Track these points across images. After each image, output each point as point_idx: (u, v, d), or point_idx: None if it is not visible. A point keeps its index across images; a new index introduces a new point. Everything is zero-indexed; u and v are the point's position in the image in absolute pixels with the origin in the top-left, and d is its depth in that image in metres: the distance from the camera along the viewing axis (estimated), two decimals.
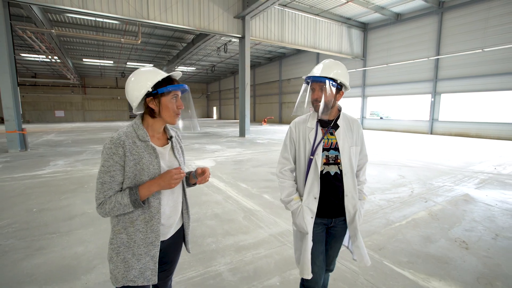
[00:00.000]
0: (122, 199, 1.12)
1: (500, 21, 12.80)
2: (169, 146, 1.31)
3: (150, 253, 1.19)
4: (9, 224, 3.33)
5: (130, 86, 1.19)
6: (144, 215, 1.18)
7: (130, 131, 1.19)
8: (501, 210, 3.89)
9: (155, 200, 1.19)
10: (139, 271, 1.18)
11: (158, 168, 1.19)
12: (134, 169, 1.15)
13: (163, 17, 11.70)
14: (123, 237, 1.18)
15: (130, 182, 1.16)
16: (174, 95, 1.21)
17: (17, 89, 9.24)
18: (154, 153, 1.20)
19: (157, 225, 1.19)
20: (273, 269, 2.42)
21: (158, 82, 1.18)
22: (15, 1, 8.96)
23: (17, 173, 6.07)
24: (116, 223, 1.20)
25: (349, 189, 1.51)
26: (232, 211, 3.78)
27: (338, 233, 1.61)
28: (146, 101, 1.19)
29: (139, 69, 1.22)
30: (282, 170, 1.62)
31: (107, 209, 1.13)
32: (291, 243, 2.89)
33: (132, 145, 1.16)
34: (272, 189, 4.88)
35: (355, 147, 1.55)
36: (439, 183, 5.32)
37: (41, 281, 2.22)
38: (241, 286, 2.17)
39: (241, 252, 2.69)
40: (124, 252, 1.18)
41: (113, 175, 1.13)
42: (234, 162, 7.40)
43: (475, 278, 2.32)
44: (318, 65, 1.51)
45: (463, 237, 3.06)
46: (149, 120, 1.23)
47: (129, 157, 1.14)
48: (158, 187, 1.15)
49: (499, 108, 13.70)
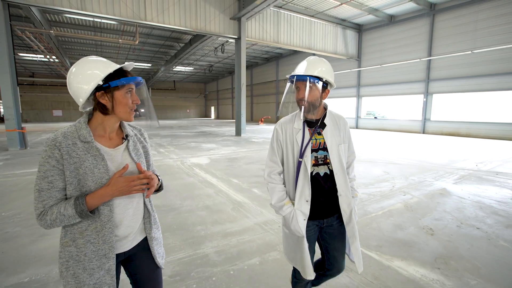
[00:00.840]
0: (65, 210, 0.99)
1: (489, 24, 13.15)
2: (124, 146, 1.16)
3: (104, 267, 1.07)
4: (14, 215, 3.59)
5: (75, 79, 1.04)
6: (95, 224, 1.06)
7: (70, 131, 1.06)
8: (471, 202, 4.20)
9: (105, 208, 1.07)
10: (93, 287, 1.06)
11: (105, 172, 1.06)
12: (76, 174, 1.03)
13: (160, 19, 11.95)
14: (71, 250, 1.06)
15: (74, 188, 1.03)
16: (128, 88, 1.09)
17: (17, 89, 9.47)
18: (99, 154, 1.06)
19: (109, 235, 1.07)
20: (254, 251, 2.70)
21: (109, 74, 1.05)
22: (15, 2, 9.19)
23: (19, 169, 6.32)
24: (64, 235, 1.08)
25: (342, 189, 1.49)
26: (222, 203, 4.07)
27: (337, 232, 1.58)
28: (95, 96, 1.06)
29: (84, 58, 1.08)
30: (270, 174, 1.57)
31: (49, 220, 1.00)
32: (273, 230, 3.17)
33: (71, 147, 1.03)
34: (261, 184, 5.17)
35: (343, 145, 1.53)
36: (420, 178, 5.62)
37: (47, 261, 2.50)
38: (225, 264, 2.45)
39: (227, 238, 2.97)
40: (74, 266, 1.05)
41: (51, 181, 1.01)
42: (228, 159, 7.69)
43: (434, 258, 2.61)
44: (302, 63, 1.48)
45: (431, 225, 3.36)
46: (99, 118, 1.10)
47: (67, 160, 1.01)
48: (111, 195, 1.03)
49: (488, 108, 14.06)
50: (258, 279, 2.26)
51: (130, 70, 1.14)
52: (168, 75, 35.28)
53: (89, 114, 1.12)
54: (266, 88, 30.60)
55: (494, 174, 6.01)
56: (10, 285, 2.15)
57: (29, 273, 2.31)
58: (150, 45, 21.42)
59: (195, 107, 46.36)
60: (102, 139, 1.11)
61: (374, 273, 2.34)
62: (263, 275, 2.32)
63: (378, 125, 19.29)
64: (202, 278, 2.26)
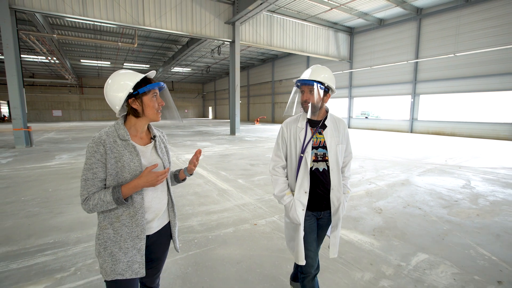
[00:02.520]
0: (105, 196, 1.17)
1: (470, 29, 13.87)
2: (152, 144, 1.36)
3: (136, 246, 1.25)
4: (32, 199, 4.24)
5: (111, 89, 1.23)
6: (129, 210, 1.24)
7: (111, 131, 1.24)
8: (424, 190, 4.87)
9: (137, 196, 1.25)
10: (126, 264, 1.23)
11: (139, 166, 1.24)
12: (115, 167, 1.21)
13: (158, 23, 12.59)
14: (109, 232, 1.23)
15: (113, 179, 1.21)
16: (153, 93, 1.28)
17: (23, 90, 10.09)
18: (134, 151, 1.25)
19: (141, 219, 1.24)
20: (230, 224, 3.37)
21: (137, 83, 1.24)
22: (21, 9, 9.81)
23: (28, 164, 6.96)
24: (102, 219, 1.25)
25: (334, 184, 1.65)
26: (209, 190, 4.74)
27: (325, 224, 1.76)
28: (128, 102, 1.25)
29: (117, 72, 1.27)
30: (275, 167, 1.74)
31: (91, 205, 1.17)
32: (249, 210, 3.84)
33: (112, 144, 1.21)
34: (246, 176, 5.82)
35: (341, 145, 1.69)
36: (389, 171, 6.30)
37: (65, 230, 3.15)
38: (205, 232, 3.12)
39: (210, 215, 3.64)
40: (111, 246, 1.23)
41: (95, 172, 1.18)
42: (220, 156, 8.35)
43: (373, 229, 3.28)
44: (307, 70, 1.66)
45: (382, 206, 4.03)
46: (133, 120, 1.29)
47: (110, 155, 1.19)
48: (142, 186, 1.21)
49: (471, 109, 14.77)
50: (231, 241, 2.93)
51: (153, 77, 1.33)
52: (167, 75, 35.90)
53: (124, 117, 1.31)
54: (262, 88, 31.26)
55: (458, 168, 6.69)
56: (40, 244, 2.81)
57: (52, 237, 2.97)
58: (148, 47, 22.03)
59: (193, 107, 47.00)
60: (135, 138, 1.31)
61: None
62: (235, 239, 2.98)
63: (369, 124, 19.99)
64: (186, 240, 2.92)
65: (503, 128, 13.33)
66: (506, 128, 13.21)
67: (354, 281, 2.25)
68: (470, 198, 4.42)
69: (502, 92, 13.33)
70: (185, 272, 2.36)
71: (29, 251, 2.67)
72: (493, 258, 2.61)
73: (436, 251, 2.76)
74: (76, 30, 17.57)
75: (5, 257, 2.56)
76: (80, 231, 3.12)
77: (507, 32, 12.71)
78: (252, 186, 5.03)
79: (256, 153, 8.89)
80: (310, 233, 1.69)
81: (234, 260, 2.55)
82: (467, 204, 4.13)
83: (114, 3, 11.42)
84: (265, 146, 10.50)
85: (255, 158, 7.91)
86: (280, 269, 2.42)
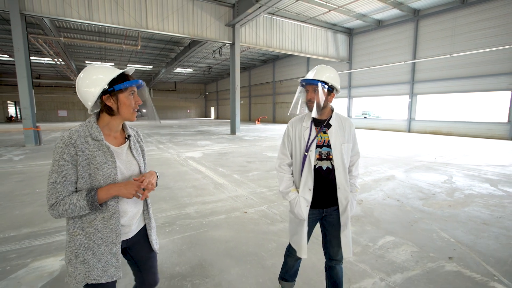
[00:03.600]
0: (78, 201, 1.10)
1: (466, 30, 14.15)
2: (127, 145, 1.31)
3: (111, 251, 1.20)
4: (45, 191, 4.67)
5: (83, 84, 1.16)
6: (102, 214, 1.18)
7: (82, 130, 1.17)
8: (407, 184, 5.23)
9: (112, 200, 1.20)
10: (101, 269, 1.19)
11: (113, 168, 1.19)
12: (87, 169, 1.15)
13: (160, 26, 13.03)
14: (81, 239, 1.17)
15: (85, 182, 1.15)
16: (131, 91, 1.22)
17: (32, 91, 10.57)
18: (108, 152, 1.19)
19: (116, 224, 1.20)
20: (223, 211, 3.76)
21: (113, 79, 1.17)
22: (31, 15, 10.29)
23: (39, 161, 7.42)
24: (73, 225, 1.18)
25: (341, 183, 1.67)
26: (206, 184, 5.14)
27: (335, 221, 1.74)
28: (102, 99, 1.18)
29: (91, 65, 1.20)
30: (281, 164, 1.79)
31: (61, 210, 1.10)
32: (241, 201, 4.23)
33: (84, 144, 1.14)
34: (242, 172, 6.22)
35: (346, 144, 1.70)
36: (378, 168, 6.65)
37: None
38: (200, 218, 3.52)
39: (205, 204, 4.04)
40: (84, 253, 1.17)
41: (65, 175, 1.11)
42: (218, 154, 8.75)
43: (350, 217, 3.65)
44: (312, 70, 1.69)
45: (363, 198, 4.40)
46: (106, 118, 1.23)
47: (81, 156, 1.13)
48: (117, 192, 1.16)
49: (467, 109, 15.03)
50: (222, 226, 3.32)
51: (131, 74, 1.26)
52: (169, 76, 36.41)
53: (96, 115, 1.24)
54: (263, 89, 31.64)
55: (445, 165, 7.02)
56: (56, 227, 3.23)
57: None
58: (151, 48, 22.51)
59: (196, 108, 47.51)
60: (108, 138, 1.25)
61: None
62: (226, 224, 3.37)
63: (368, 124, 20.29)
64: (183, 224, 3.32)
65: (498, 128, 13.58)
66: (501, 127, 13.46)
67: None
68: (447, 191, 4.77)
69: (497, 92, 13.59)
70: (180, 248, 2.76)
71: (48, 232, 3.09)
72: (451, 240, 2.98)
73: (402, 234, 3.13)
74: (82, 33, 18.08)
75: (29, 236, 2.98)
76: None
77: (502, 33, 12.96)
78: (246, 181, 5.42)
79: (254, 151, 9.28)
80: (308, 228, 1.75)
81: (224, 240, 2.95)
82: (443, 197, 4.48)
83: (118, 8, 11.88)
84: (263, 145, 10.89)
85: (252, 156, 8.30)
86: (262, 248, 2.81)
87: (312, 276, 2.34)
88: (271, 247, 2.82)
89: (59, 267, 2.41)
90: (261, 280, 2.27)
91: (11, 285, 2.16)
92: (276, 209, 3.87)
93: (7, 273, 2.32)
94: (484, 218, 3.59)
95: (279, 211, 3.80)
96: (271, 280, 2.26)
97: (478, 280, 2.27)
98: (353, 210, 1.75)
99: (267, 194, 4.60)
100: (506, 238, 3.03)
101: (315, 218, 1.77)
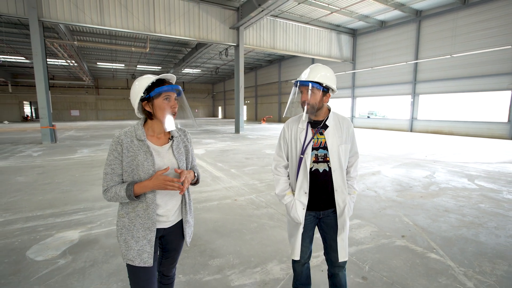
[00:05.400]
0: (120, 191, 1.28)
1: (466, 30, 14.32)
2: (169, 145, 1.42)
3: (147, 237, 1.34)
4: (63, 181, 5.32)
5: (131, 93, 1.34)
6: (142, 203, 1.33)
7: (130, 131, 1.33)
8: (390, 179, 5.65)
9: (150, 192, 1.33)
10: (137, 252, 1.33)
11: (152, 165, 1.31)
12: (131, 164, 1.30)
13: (167, 30, 13.68)
14: (125, 221, 1.35)
15: (128, 175, 1.32)
16: (165, 96, 1.31)
17: (49, 93, 11.36)
18: (149, 151, 1.32)
19: (152, 214, 1.33)
20: (216, 199, 4.31)
21: (153, 86, 1.29)
22: (48, 21, 11.06)
23: (56, 156, 8.13)
24: (120, 208, 1.38)
25: (338, 185, 1.63)
26: (205, 177, 5.69)
27: (333, 223, 1.71)
28: (142, 105, 1.33)
29: (141, 77, 1.35)
30: (276, 167, 1.76)
31: (109, 196, 1.30)
32: (234, 191, 4.76)
33: (129, 143, 1.30)
34: (239, 167, 6.74)
35: (344, 145, 1.65)
36: (368, 164, 7.07)
37: (91, 201, 4.18)
38: (196, 204, 4.06)
39: (201, 193, 4.59)
40: (125, 233, 1.34)
41: (113, 168, 1.30)
42: (220, 151, 9.31)
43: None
44: (306, 70, 1.64)
45: None
46: (149, 122, 1.37)
47: (126, 154, 1.29)
48: (151, 188, 1.28)
49: (468, 108, 15.18)
50: (213, 210, 3.86)
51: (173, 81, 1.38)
52: (178, 76, 37.26)
53: (144, 118, 1.39)
54: (269, 88, 32.12)
55: (433, 162, 7.39)
56: (74, 209, 3.83)
57: (83, 205, 4.00)
58: (159, 50, 23.28)
59: (204, 107, 48.36)
60: (152, 138, 1.38)
61: (275, 199, 3.90)
62: (217, 208, 3.91)
63: (371, 124, 20.54)
64: None
65: (498, 127, 13.72)
66: (500, 127, 13.60)
67: None
68: (424, 185, 5.18)
69: (497, 92, 13.72)
70: None
71: (67, 213, 3.69)
72: (410, 223, 3.43)
73: (368, 218, 3.60)
74: (94, 36, 18.94)
75: (52, 216, 3.59)
76: (102, 202, 4.13)
77: (502, 34, 13.11)
78: (241, 174, 5.95)
79: (254, 149, 9.80)
80: (306, 231, 1.73)
81: (213, 220, 3.48)
82: (419, 189, 4.90)
83: (128, 13, 12.57)
84: (263, 143, 11.40)
85: (251, 153, 8.82)
86: (244, 226, 3.33)
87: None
88: (252, 226, 3.33)
89: (78, 237, 2.99)
90: (238, 248, 2.79)
91: (42, 248, 2.75)
92: (263, 198, 4.39)
93: (37, 240, 2.92)
94: (448, 206, 4.02)
95: (266, 199, 4.31)
96: (247, 249, 2.78)
97: (419, 251, 2.74)
98: (351, 212, 1.71)
99: (258, 185, 5.12)
100: (459, 222, 3.46)
101: (312, 220, 1.74)
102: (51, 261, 2.52)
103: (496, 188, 4.94)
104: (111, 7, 12.18)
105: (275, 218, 3.58)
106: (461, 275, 2.33)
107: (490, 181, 5.41)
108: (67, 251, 2.70)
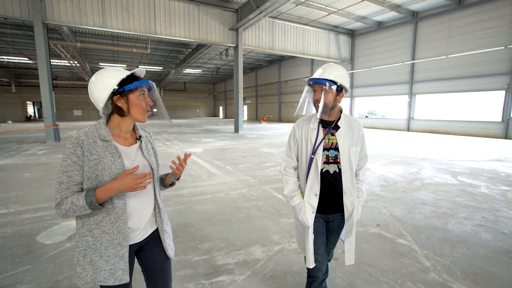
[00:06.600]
0: (77, 200, 1.09)
1: (461, 31, 14.55)
2: (137, 145, 1.30)
3: (118, 254, 1.19)
4: None
5: (94, 87, 1.17)
6: (109, 216, 1.17)
7: (91, 131, 1.17)
8: (377, 175, 5.93)
9: (119, 201, 1.18)
10: (109, 272, 1.18)
11: (121, 168, 1.17)
12: (95, 169, 1.13)
13: (168, 32, 14.00)
14: (88, 240, 1.17)
15: (91, 182, 1.14)
16: (141, 91, 1.22)
17: (52, 93, 11.71)
18: (116, 152, 1.18)
19: (123, 226, 1.19)
20: (210, 193, 4.61)
21: (123, 80, 1.17)
22: (52, 23, 11.41)
23: (60, 155, 8.47)
24: (81, 226, 1.19)
25: (347, 187, 1.60)
26: (201, 173, 6.00)
27: (336, 227, 1.72)
28: (113, 99, 1.18)
29: (102, 69, 1.21)
30: (286, 167, 1.71)
31: (63, 210, 1.11)
32: (227, 186, 5.06)
33: (92, 145, 1.14)
34: (234, 164, 7.04)
35: (355, 147, 1.62)
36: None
37: None
38: (190, 197, 4.37)
39: (197, 188, 4.90)
40: (91, 254, 1.17)
41: (70, 175, 1.12)
42: (218, 149, 9.62)
43: None
44: (320, 68, 1.60)
45: None
46: (116, 119, 1.23)
47: (88, 157, 1.12)
48: (118, 190, 1.12)
49: (463, 108, 15.42)
50: (207, 202, 4.16)
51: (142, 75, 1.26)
52: (179, 76, 37.65)
53: (107, 117, 1.24)
54: (270, 89, 32.41)
55: (422, 160, 7.65)
56: None
57: None
58: (161, 50, 23.63)
59: (205, 107, 48.72)
60: (118, 139, 1.24)
61: (265, 193, 4.20)
62: (210, 201, 4.21)
63: (370, 123, 20.78)
64: (176, 201, 4.19)
65: (492, 127, 13.94)
66: (495, 126, 13.82)
67: (281, 223, 3.43)
68: (408, 181, 5.46)
69: (491, 92, 13.95)
70: (171, 216, 3.61)
71: None
72: (387, 214, 3.72)
73: None
74: (96, 37, 19.31)
75: None
76: None
77: (496, 35, 13.33)
78: (236, 171, 6.25)
79: (251, 147, 10.10)
80: (318, 236, 1.67)
81: (205, 211, 3.79)
82: (402, 185, 5.19)
83: (129, 15, 12.90)
84: (261, 142, 11.70)
85: (248, 152, 9.12)
86: (234, 216, 3.63)
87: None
88: (240, 216, 3.63)
89: None
90: (226, 235, 3.09)
91: (49, 234, 3.07)
92: (254, 192, 4.69)
93: (45, 227, 3.24)
94: (426, 200, 4.30)
95: (256, 193, 4.61)
96: (234, 235, 3.08)
97: (389, 238, 3.03)
98: (359, 216, 1.68)
99: (251, 181, 5.42)
100: (432, 213, 3.75)
101: (322, 223, 1.70)
102: (59, 244, 2.83)
103: (475, 183, 5.21)
104: (112, 9, 12.52)
105: (263, 210, 3.88)
106: (422, 257, 2.62)
107: (471, 177, 5.68)
108: (72, 236, 3.01)
